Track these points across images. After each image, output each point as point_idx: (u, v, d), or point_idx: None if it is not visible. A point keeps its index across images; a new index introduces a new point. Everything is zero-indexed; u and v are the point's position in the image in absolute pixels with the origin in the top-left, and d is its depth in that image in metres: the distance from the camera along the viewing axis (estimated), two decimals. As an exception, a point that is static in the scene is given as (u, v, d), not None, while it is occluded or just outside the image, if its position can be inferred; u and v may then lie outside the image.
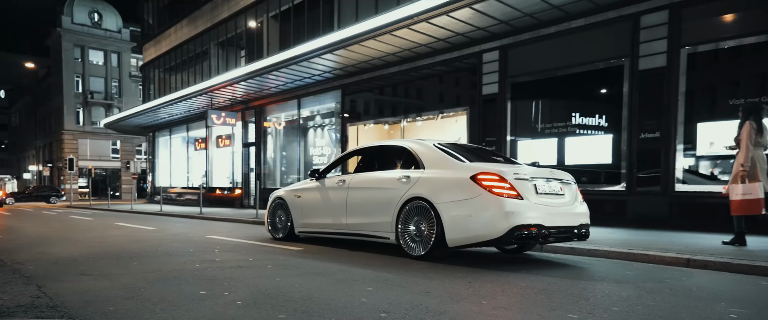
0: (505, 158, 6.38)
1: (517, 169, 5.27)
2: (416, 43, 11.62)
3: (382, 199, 5.90)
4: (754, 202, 5.70)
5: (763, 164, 5.81)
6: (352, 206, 6.34)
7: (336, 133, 16.43)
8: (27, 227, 11.28)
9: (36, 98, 59.15)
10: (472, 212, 5.01)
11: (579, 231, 5.37)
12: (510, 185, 4.98)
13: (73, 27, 49.45)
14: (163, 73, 27.66)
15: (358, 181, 6.38)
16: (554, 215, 5.15)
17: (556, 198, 5.34)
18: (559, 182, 5.46)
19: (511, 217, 4.84)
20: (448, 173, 5.40)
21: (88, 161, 46.18)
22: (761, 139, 5.79)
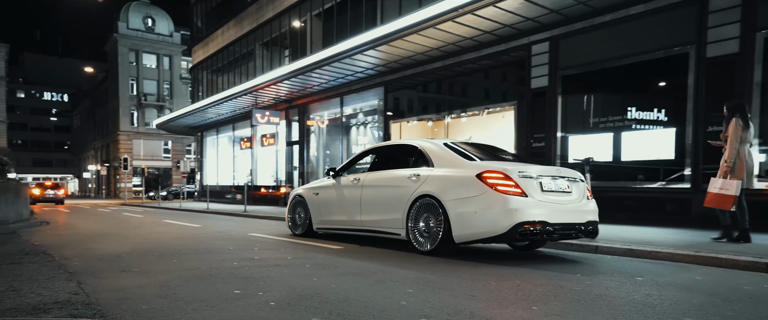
0: (514, 156, 6.44)
1: (522, 167, 5.32)
2: (461, 37, 11.25)
3: (393, 196, 6.07)
4: (727, 197, 5.82)
5: (748, 159, 5.87)
6: (366, 203, 6.54)
7: (378, 131, 16.26)
8: (81, 224, 11.70)
9: (95, 100, 62.29)
10: (478, 209, 5.14)
11: (586, 228, 5.42)
12: (514, 183, 5.09)
13: (129, 32, 51.74)
14: (211, 74, 28.36)
15: (372, 179, 6.59)
16: (560, 212, 5.22)
17: (563, 196, 5.39)
18: (566, 179, 5.51)
19: (515, 214, 4.95)
20: (455, 171, 5.54)
21: (141, 160, 48.17)
22: (746, 135, 5.87)
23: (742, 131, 5.85)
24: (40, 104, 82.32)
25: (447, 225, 5.33)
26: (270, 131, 22.00)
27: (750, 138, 5.94)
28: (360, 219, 6.63)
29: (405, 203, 5.86)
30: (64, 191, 31.97)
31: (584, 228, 5.40)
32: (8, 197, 10.28)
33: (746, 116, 5.93)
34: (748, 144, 5.95)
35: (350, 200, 6.80)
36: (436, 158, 5.87)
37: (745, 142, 5.90)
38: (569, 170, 5.75)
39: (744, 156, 5.84)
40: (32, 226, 10.65)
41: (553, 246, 6.47)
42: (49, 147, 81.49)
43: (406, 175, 6.02)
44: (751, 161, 5.96)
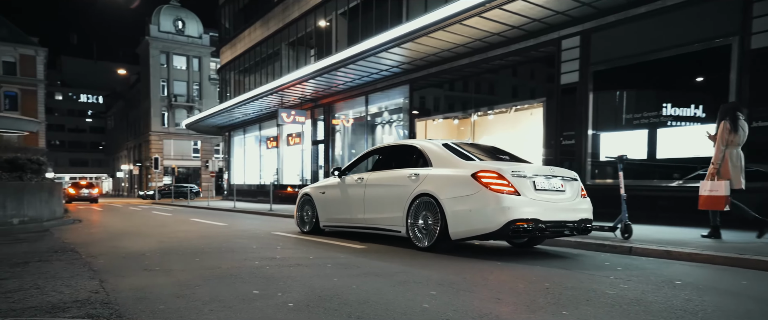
0: (511, 156, 6.55)
1: (516, 167, 5.48)
2: (488, 33, 11.01)
3: (394, 195, 6.29)
4: (718, 198, 6.00)
5: (737, 162, 6.03)
6: (369, 202, 6.77)
7: (404, 129, 16.11)
8: (112, 222, 11.93)
9: (128, 102, 63.98)
10: (473, 207, 5.32)
11: (579, 226, 5.59)
12: (507, 182, 5.26)
13: (160, 35, 52.93)
14: (238, 74, 28.70)
15: (374, 179, 6.82)
16: (552, 210, 5.38)
17: (556, 194, 5.56)
18: (560, 179, 5.68)
19: (507, 212, 5.13)
20: (452, 171, 5.73)
21: (172, 160, 49.22)
22: (735, 138, 6.00)
23: (729, 135, 6.03)
24: (76, 106, 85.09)
25: (444, 223, 5.53)
26: (296, 131, 22.11)
27: (739, 141, 6.07)
28: (363, 217, 6.85)
29: (405, 201, 6.08)
30: (98, 190, 32.87)
31: (577, 226, 5.57)
32: (43, 196, 10.54)
33: (736, 120, 6.08)
34: (738, 146, 6.10)
35: (354, 199, 7.02)
36: (434, 158, 6.10)
37: (733, 144, 6.08)
38: (564, 169, 5.94)
39: (729, 158, 6.05)
40: (65, 224, 10.90)
41: (583, 246, 6.23)
42: (85, 147, 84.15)
43: (406, 174, 6.25)
44: (739, 163, 6.12)
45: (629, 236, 6.40)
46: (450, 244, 5.67)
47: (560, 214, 5.44)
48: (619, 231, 6.64)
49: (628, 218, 6.54)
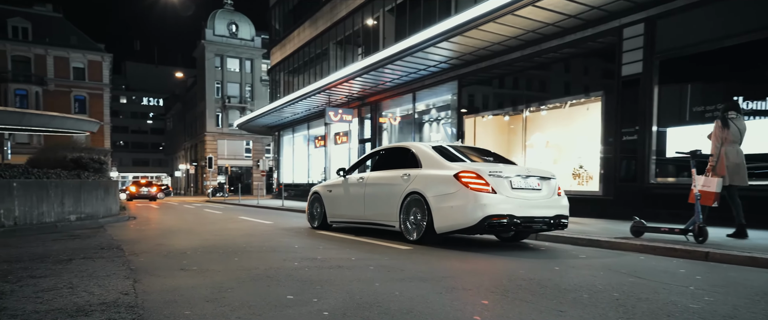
0: (497, 157, 6.96)
1: (494, 167, 5.95)
2: (542, 23, 10.40)
3: (389, 193, 6.80)
4: (708, 194, 6.02)
5: (734, 159, 6.09)
6: (368, 199, 7.28)
7: (452, 127, 15.65)
8: (163, 220, 12.18)
9: (185, 104, 66.52)
10: (454, 204, 5.79)
11: (555, 221, 6.03)
12: (485, 181, 5.72)
13: (215, 38, 54.64)
14: (288, 75, 29.05)
15: (373, 178, 7.34)
16: (528, 207, 5.81)
17: (532, 192, 5.98)
18: (537, 178, 6.10)
19: (484, 208, 5.59)
20: (438, 171, 6.20)
21: (225, 160, 50.69)
22: (729, 135, 6.06)
23: (722, 132, 6.13)
24: (139, 109, 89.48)
25: (430, 218, 6.05)
26: (343, 129, 22.05)
27: (734, 138, 6.10)
28: (364, 214, 7.40)
29: (398, 199, 6.58)
30: (156, 188, 34.23)
31: (552, 221, 6.01)
32: (99, 194, 10.87)
33: (727, 119, 6.14)
34: (736, 144, 6.12)
35: (356, 197, 7.57)
36: (424, 159, 6.58)
37: (728, 142, 6.12)
38: (542, 169, 6.42)
39: (724, 156, 6.10)
40: (120, 221, 11.20)
41: (649, 250, 5.63)
42: (147, 148, 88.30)
43: (399, 175, 6.76)
44: (738, 160, 6.14)
45: (704, 240, 5.81)
46: (435, 238, 6.16)
47: (535, 210, 5.87)
48: (691, 235, 6.01)
49: (702, 220, 5.90)
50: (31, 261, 4.80)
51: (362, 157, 8.23)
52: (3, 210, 8.08)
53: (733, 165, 6.19)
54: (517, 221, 5.69)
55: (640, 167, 9.60)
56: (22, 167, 9.11)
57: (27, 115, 12.35)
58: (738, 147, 6.23)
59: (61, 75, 49.61)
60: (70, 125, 12.75)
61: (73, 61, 50.52)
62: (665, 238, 6.35)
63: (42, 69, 48.53)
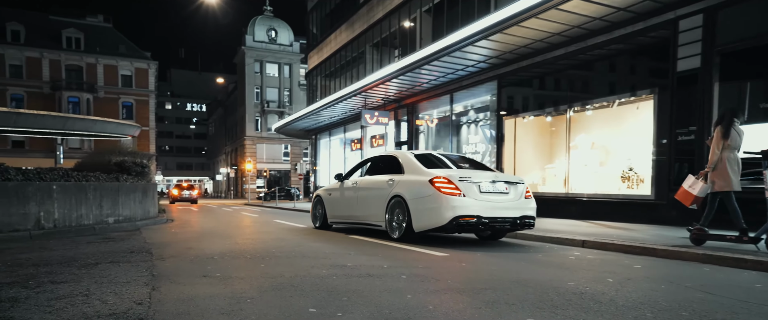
0: (473, 163, 7.73)
1: (466, 173, 6.67)
2: (589, 17, 9.81)
3: (377, 196, 7.53)
4: (689, 195, 6.19)
5: (734, 166, 6.06)
6: (360, 201, 8.06)
7: (491, 129, 15.13)
8: (199, 222, 12.21)
9: (226, 109, 68.08)
10: (429, 206, 6.47)
11: (521, 221, 6.68)
12: (455, 186, 6.40)
13: (254, 44, 55.70)
14: (325, 78, 29.11)
15: (364, 183, 8.14)
16: (495, 208, 6.48)
17: (499, 196, 6.65)
18: (505, 183, 6.79)
19: (454, 209, 6.27)
20: (416, 176, 6.90)
21: (264, 163, 51.44)
22: (730, 142, 6.06)
23: (721, 139, 6.13)
24: (183, 114, 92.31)
25: (409, 218, 6.75)
26: (379, 132, 21.81)
27: (734, 145, 6.08)
28: (356, 214, 8.17)
29: (384, 201, 7.30)
30: (197, 191, 34.92)
31: (518, 221, 6.67)
32: (136, 196, 10.99)
33: (729, 125, 6.09)
34: (735, 150, 6.08)
35: (350, 199, 8.38)
36: (406, 166, 7.31)
37: (727, 149, 6.10)
38: (511, 175, 7.39)
39: (727, 162, 6.07)
40: (158, 223, 11.29)
41: (714, 261, 5.06)
42: (190, 152, 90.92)
43: (385, 180, 7.50)
44: (736, 167, 6.11)
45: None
46: (414, 236, 6.78)
47: (501, 212, 6.54)
48: (764, 243, 5.39)
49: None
50: (59, 265, 4.71)
51: (357, 164, 9.17)
52: (43, 212, 8.19)
53: (733, 172, 6.18)
54: (485, 221, 6.37)
55: (698, 170, 8.86)
56: (63, 170, 9.27)
57: (70, 119, 12.67)
58: (736, 153, 6.23)
59: (110, 82, 51.69)
60: (111, 129, 13.01)
61: (121, 69, 52.56)
62: (731, 247, 5.74)
63: (93, 77, 50.70)
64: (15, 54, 47.34)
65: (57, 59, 49.07)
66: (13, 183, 7.82)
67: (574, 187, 12.18)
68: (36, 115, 11.51)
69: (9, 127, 11.72)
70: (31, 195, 7.99)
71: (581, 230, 8.14)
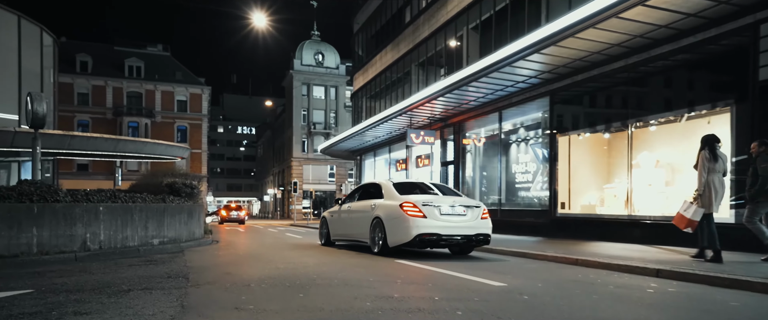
0: (443, 190, 9.04)
1: (429, 199, 8.05)
2: (654, 26, 9.04)
3: (363, 218, 9.00)
4: (683, 219, 6.70)
5: (718, 188, 6.55)
6: (352, 222, 9.63)
7: (542, 147, 14.36)
8: (243, 244, 12.06)
9: (274, 131, 69.54)
10: (398, 225, 7.89)
11: (475, 238, 8.06)
12: (418, 209, 7.80)
13: (302, 68, 56.89)
14: (369, 100, 29.05)
15: (356, 206, 9.68)
16: (452, 227, 7.88)
17: (458, 217, 7.99)
18: (463, 206, 8.11)
19: (417, 228, 7.70)
20: (391, 202, 8.31)
21: (310, 184, 51.85)
22: (716, 166, 6.53)
23: (709, 163, 6.47)
24: (234, 137, 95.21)
25: (385, 236, 8.15)
26: (425, 152, 21.33)
27: (720, 169, 6.46)
28: (350, 233, 9.78)
29: (369, 221, 8.71)
30: (245, 212, 35.40)
31: (473, 238, 8.04)
32: (182, 218, 10.95)
33: (715, 150, 6.52)
34: (720, 174, 6.52)
35: (346, 220, 9.97)
36: (385, 192, 8.80)
37: (713, 172, 6.49)
38: (470, 200, 8.51)
39: (712, 185, 6.46)
40: (202, 245, 11.20)
41: None
42: (240, 174, 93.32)
43: (369, 204, 8.99)
44: (721, 190, 6.53)
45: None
46: (389, 250, 8.17)
47: (458, 230, 7.92)
48: None
49: None
50: (91, 292, 4.49)
51: (352, 191, 10.60)
52: (89, 234, 8.18)
53: (718, 195, 6.59)
54: (444, 237, 7.83)
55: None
56: (111, 191, 9.32)
57: (121, 141, 12.97)
58: (721, 177, 6.66)
59: (166, 107, 54.05)
60: (160, 151, 13.20)
61: (177, 95, 54.90)
62: None
63: (151, 102, 53.22)
64: (83, 83, 50.56)
65: (119, 87, 51.93)
66: (61, 205, 7.85)
67: (637, 208, 11.24)
68: (88, 137, 11.85)
69: (64, 149, 12.12)
70: (78, 217, 8.01)
71: (652, 257, 7.33)
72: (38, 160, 8.36)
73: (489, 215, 8.46)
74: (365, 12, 30.16)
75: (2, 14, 14.71)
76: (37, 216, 7.43)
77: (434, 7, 20.68)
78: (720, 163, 6.68)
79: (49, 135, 12.38)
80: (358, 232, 9.19)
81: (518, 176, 15.62)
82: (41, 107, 8.07)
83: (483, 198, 17.76)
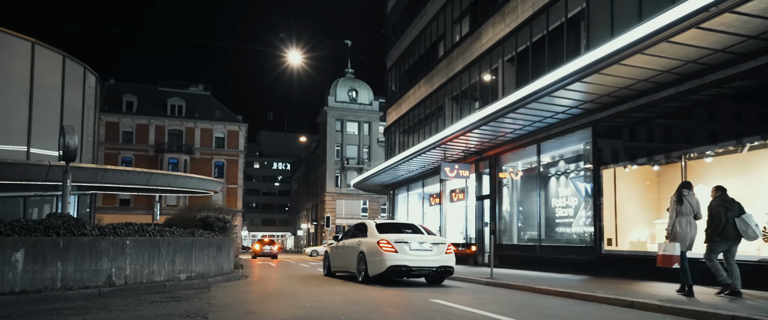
0: (414, 229, 11.02)
1: (401, 237, 10.00)
2: (709, 50, 8.39)
3: (352, 252, 10.83)
4: (669, 257, 7.37)
5: (686, 229, 7.44)
6: (344, 256, 11.45)
7: (585, 181, 13.61)
8: (272, 279, 11.73)
9: (308, 166, 70.16)
10: (376, 259, 9.76)
11: (439, 269, 10.02)
12: (391, 246, 9.70)
13: (336, 104, 57.69)
14: (402, 134, 28.82)
15: (347, 243, 11.40)
16: (420, 261, 9.86)
17: (425, 252, 9.97)
18: (431, 243, 10.11)
19: (389, 261, 9.59)
20: (371, 239, 10.15)
21: (343, 219, 51.52)
22: (683, 209, 7.45)
23: (676, 206, 7.47)
24: (269, 173, 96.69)
25: (366, 267, 9.93)
26: (459, 186, 20.74)
27: (688, 211, 7.41)
28: (343, 265, 11.49)
29: (356, 256, 10.45)
30: (278, 246, 35.22)
31: (436, 269, 9.96)
32: (211, 252, 10.70)
33: (681, 195, 7.50)
34: (689, 216, 7.45)
35: (341, 254, 11.76)
36: (369, 231, 10.54)
37: (681, 214, 7.44)
38: (437, 238, 10.84)
39: (678, 227, 7.41)
40: (230, 280, 10.88)
41: None
42: (274, 209, 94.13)
43: (356, 241, 10.78)
44: (690, 231, 7.47)
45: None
46: (369, 280, 9.88)
47: (425, 263, 9.83)
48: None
49: None
50: (101, 331, 4.15)
51: (347, 230, 12.34)
52: (115, 269, 7.98)
53: (684, 235, 7.42)
54: (413, 269, 9.70)
55: None
56: (138, 225, 9.17)
57: (153, 175, 13.04)
58: (690, 218, 7.50)
59: (205, 144, 55.63)
60: (193, 184, 13.18)
61: (215, 132, 56.53)
62: None
63: (191, 139, 54.92)
64: (128, 122, 52.89)
65: (162, 125, 53.95)
66: (87, 238, 7.70)
67: (693, 246, 10.33)
68: (121, 171, 11.97)
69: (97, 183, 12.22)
70: (104, 251, 7.83)
71: (726, 304, 6.51)
72: (68, 193, 8.30)
73: (452, 250, 10.42)
74: (398, 48, 30.34)
75: (48, 54, 15.32)
76: (63, 250, 7.28)
77: (468, 40, 20.51)
78: (687, 206, 7.47)
79: (82, 169, 12.54)
80: (349, 264, 10.96)
81: (558, 211, 14.83)
82: (73, 140, 8.08)
83: (520, 234, 16.95)
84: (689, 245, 7.49)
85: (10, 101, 14.78)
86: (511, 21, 16.93)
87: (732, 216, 7.19)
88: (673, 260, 7.24)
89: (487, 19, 18.65)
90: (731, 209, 7.26)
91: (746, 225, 7.11)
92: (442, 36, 23.69)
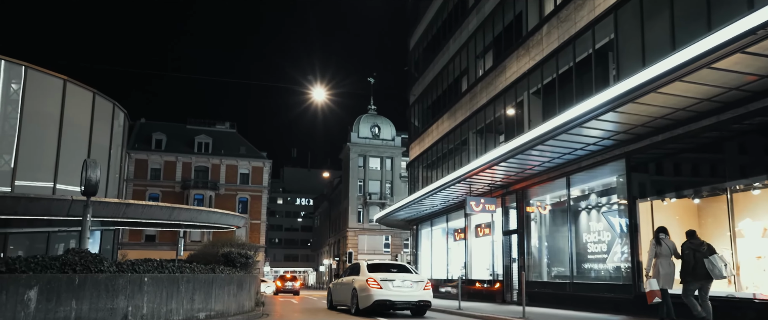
0: (400, 268, 13.04)
1: (387, 276, 11.69)
2: (756, 76, 7.96)
3: (347, 288, 12.62)
4: (651, 293, 8.42)
5: (667, 269, 8.44)
6: (341, 291, 13.31)
7: (619, 216, 12.98)
8: (292, 318, 11.32)
9: (331, 202, 70.01)
10: (364, 294, 11.51)
11: (417, 304, 11.66)
12: (378, 283, 11.37)
13: (359, 140, 57.95)
14: (425, 168, 28.48)
15: (345, 280, 13.07)
16: (401, 296, 11.47)
17: (405, 288, 11.64)
18: (410, 281, 11.86)
19: (375, 297, 11.28)
20: (362, 277, 11.92)
21: (365, 254, 50.76)
22: (661, 250, 8.46)
23: (654, 248, 8.54)
24: (292, 208, 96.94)
25: (357, 301, 11.72)
26: (485, 221, 20.16)
27: (665, 253, 8.44)
28: (341, 299, 13.17)
29: (350, 291, 12.26)
30: (300, 283, 34.77)
31: (414, 303, 11.65)
32: (231, 289, 10.38)
33: (658, 238, 8.62)
34: (667, 257, 8.47)
35: (339, 290, 13.51)
36: (361, 270, 12.21)
37: (660, 255, 8.48)
38: (417, 276, 12.54)
39: (660, 267, 8.42)
40: (250, 319, 10.51)
41: None
42: (297, 244, 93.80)
43: (351, 279, 12.54)
44: (669, 270, 8.46)
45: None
46: (360, 313, 11.58)
47: (405, 298, 11.52)
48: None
49: None
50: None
51: (346, 268, 14.29)
52: (132, 307, 7.71)
53: (663, 273, 8.35)
54: (395, 303, 11.35)
55: None
56: (157, 261, 8.94)
57: (176, 209, 12.94)
58: (670, 259, 8.42)
59: (230, 180, 56.32)
60: (215, 219, 13.04)
61: (240, 168, 57.27)
62: None
63: (216, 175, 55.77)
64: (156, 159, 54.14)
65: (188, 162, 55.05)
66: (104, 275, 7.47)
67: (744, 286, 9.59)
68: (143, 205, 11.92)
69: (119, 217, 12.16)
70: (120, 288, 7.58)
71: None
72: (88, 227, 8.14)
73: (431, 287, 12.31)
74: (421, 84, 30.36)
75: (79, 91, 15.67)
76: (78, 288, 7.05)
77: (492, 74, 20.32)
78: (664, 248, 8.42)
79: (104, 203, 12.54)
80: (345, 298, 12.58)
81: (590, 247, 14.15)
82: (95, 173, 7.98)
83: (550, 271, 16.23)
84: (671, 282, 8.44)
85: (40, 138, 15.08)
86: (535, 54, 16.71)
87: (700, 257, 7.91)
88: (654, 294, 8.26)
89: (511, 53, 18.48)
90: (699, 250, 8.01)
91: (713, 265, 7.79)
92: (465, 70, 23.59)
